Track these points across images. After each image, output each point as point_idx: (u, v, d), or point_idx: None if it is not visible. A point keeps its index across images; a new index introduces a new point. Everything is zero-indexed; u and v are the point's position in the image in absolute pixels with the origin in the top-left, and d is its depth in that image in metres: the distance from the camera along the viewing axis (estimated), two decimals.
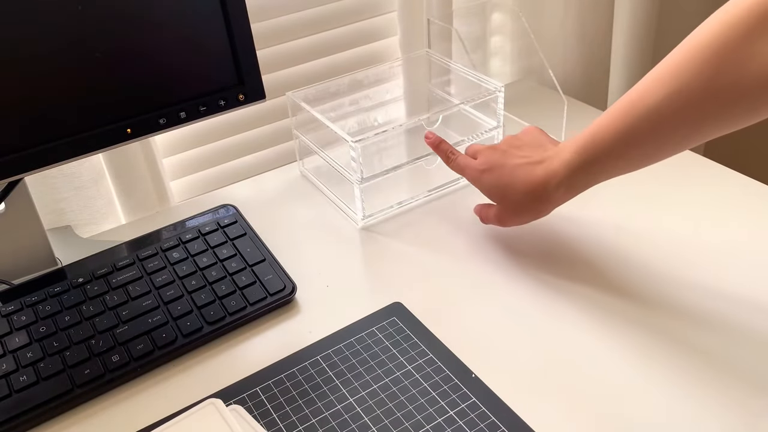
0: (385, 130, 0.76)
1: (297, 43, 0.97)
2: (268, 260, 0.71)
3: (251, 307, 0.67)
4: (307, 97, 0.83)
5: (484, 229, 0.76)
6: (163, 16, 0.66)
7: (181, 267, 0.70)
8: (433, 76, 0.94)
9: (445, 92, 0.94)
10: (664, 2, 1.15)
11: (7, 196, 0.70)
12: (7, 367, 0.61)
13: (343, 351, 0.63)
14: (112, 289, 0.68)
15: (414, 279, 0.71)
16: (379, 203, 0.79)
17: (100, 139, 0.68)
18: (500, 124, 0.83)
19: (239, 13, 0.69)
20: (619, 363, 0.60)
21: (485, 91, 0.82)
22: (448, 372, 0.60)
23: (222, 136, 0.97)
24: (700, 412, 0.55)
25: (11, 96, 0.62)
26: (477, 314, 0.66)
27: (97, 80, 0.65)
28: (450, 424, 0.55)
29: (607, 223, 0.75)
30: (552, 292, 0.67)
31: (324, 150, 0.82)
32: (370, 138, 0.74)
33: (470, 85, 0.85)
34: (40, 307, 0.66)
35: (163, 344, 0.63)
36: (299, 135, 0.86)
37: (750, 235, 0.72)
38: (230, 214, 0.78)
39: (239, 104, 0.73)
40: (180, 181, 0.97)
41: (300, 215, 0.81)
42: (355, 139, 0.73)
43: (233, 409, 0.57)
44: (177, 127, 0.71)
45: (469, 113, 0.86)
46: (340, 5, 0.98)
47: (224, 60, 0.71)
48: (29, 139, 0.64)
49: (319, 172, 0.86)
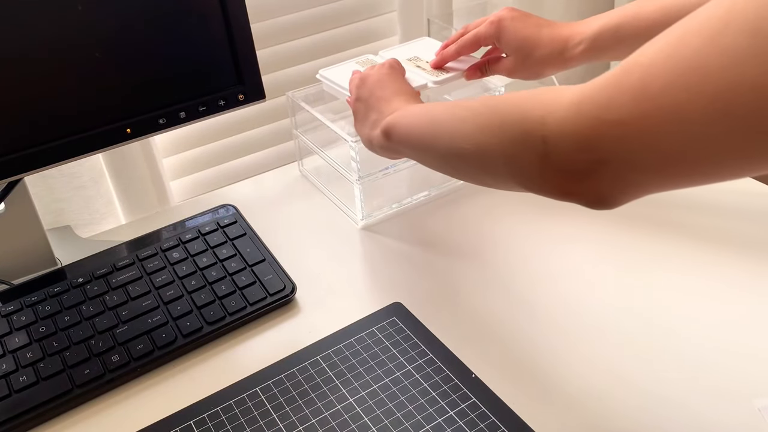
0: None
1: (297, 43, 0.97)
2: (268, 260, 0.71)
3: (251, 307, 0.67)
4: (307, 97, 0.83)
5: (484, 229, 0.76)
6: (162, 16, 0.66)
7: (180, 267, 0.70)
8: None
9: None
10: None
11: (7, 196, 0.70)
12: (7, 367, 0.61)
13: (343, 351, 0.63)
14: (112, 289, 0.68)
15: (414, 279, 0.71)
16: (378, 203, 0.79)
17: (100, 139, 0.68)
18: None
19: (239, 13, 0.69)
20: (619, 363, 0.60)
21: (485, 91, 0.82)
22: (448, 372, 0.59)
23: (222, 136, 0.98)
24: (701, 412, 0.55)
25: (11, 96, 0.62)
26: (477, 314, 0.66)
27: (97, 80, 0.65)
28: (450, 424, 0.55)
29: (608, 223, 0.75)
30: (552, 292, 0.68)
31: (324, 150, 0.82)
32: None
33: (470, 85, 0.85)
34: (40, 307, 0.66)
35: (163, 344, 0.63)
36: (299, 135, 0.86)
37: (750, 235, 0.72)
38: (230, 214, 0.78)
39: (239, 104, 0.73)
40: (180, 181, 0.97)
41: (300, 215, 0.81)
42: (354, 139, 0.73)
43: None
44: (177, 127, 0.71)
45: None
46: (340, 5, 0.98)
47: (224, 60, 0.71)
48: (29, 139, 0.64)
49: (318, 173, 0.86)
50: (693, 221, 0.75)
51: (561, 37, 0.69)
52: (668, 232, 0.74)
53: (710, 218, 0.75)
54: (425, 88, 0.77)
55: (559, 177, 0.43)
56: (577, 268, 0.70)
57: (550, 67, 0.72)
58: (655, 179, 0.40)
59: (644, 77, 0.37)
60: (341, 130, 0.76)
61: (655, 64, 0.37)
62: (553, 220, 0.76)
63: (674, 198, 0.78)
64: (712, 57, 0.34)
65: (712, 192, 0.78)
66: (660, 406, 0.56)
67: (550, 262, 0.71)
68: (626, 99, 0.38)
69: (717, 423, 0.54)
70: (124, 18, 0.64)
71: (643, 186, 0.40)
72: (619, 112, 0.38)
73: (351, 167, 0.76)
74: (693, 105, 0.35)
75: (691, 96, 0.35)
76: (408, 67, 0.79)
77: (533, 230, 0.75)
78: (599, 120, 0.39)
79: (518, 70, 0.73)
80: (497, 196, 0.81)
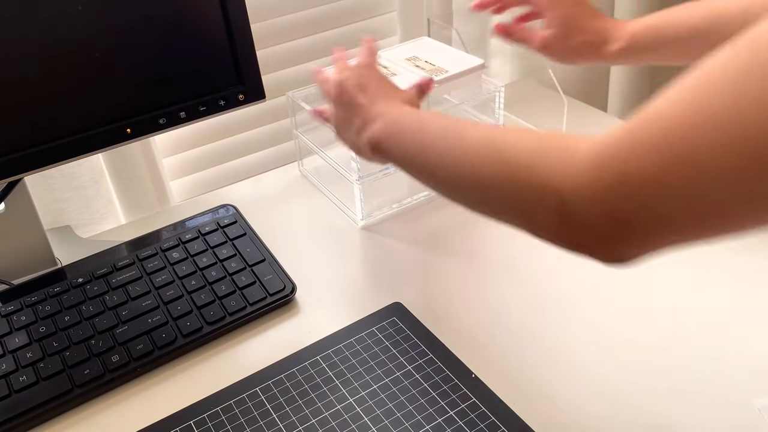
0: None
1: (297, 43, 0.97)
2: (268, 260, 0.71)
3: (251, 307, 0.67)
4: (307, 97, 0.83)
5: (484, 229, 0.76)
6: (162, 16, 0.66)
7: (180, 267, 0.70)
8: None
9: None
10: (664, 2, 1.15)
11: (7, 196, 0.70)
12: (6, 367, 0.61)
13: (343, 351, 0.63)
14: (112, 289, 0.68)
15: (414, 279, 0.71)
16: (378, 203, 0.79)
17: (100, 139, 0.68)
18: (500, 123, 0.83)
19: (239, 13, 0.69)
20: (619, 363, 0.60)
21: (485, 91, 0.82)
22: (448, 372, 0.59)
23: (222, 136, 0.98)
24: (702, 412, 0.55)
25: (11, 96, 0.62)
26: (477, 314, 0.66)
27: (97, 80, 0.65)
28: (450, 424, 0.55)
29: None
30: (553, 292, 0.68)
31: (324, 150, 0.82)
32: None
33: (470, 84, 0.85)
34: (40, 307, 0.66)
35: (163, 344, 0.63)
36: (299, 135, 0.86)
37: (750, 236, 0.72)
38: (230, 214, 0.78)
39: (239, 104, 0.73)
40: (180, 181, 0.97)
41: (300, 215, 0.81)
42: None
43: None
44: (177, 127, 0.71)
45: (468, 113, 0.86)
46: (340, 5, 0.98)
47: (224, 60, 0.71)
48: (29, 139, 0.64)
49: (318, 172, 0.86)
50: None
51: (603, 31, 0.69)
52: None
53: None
54: None
55: (579, 237, 0.40)
56: (577, 268, 0.70)
57: (583, 57, 0.71)
58: (683, 236, 0.37)
59: (666, 130, 0.35)
60: None
61: (677, 115, 0.34)
62: None
63: None
64: (740, 105, 0.32)
65: None
66: (661, 406, 0.56)
67: (550, 261, 0.71)
68: (649, 155, 0.35)
69: (717, 423, 0.54)
70: (124, 18, 0.64)
71: (670, 243, 0.38)
72: (641, 169, 0.35)
73: (351, 167, 0.76)
74: (723, 158, 0.32)
75: (720, 148, 0.32)
76: (407, 66, 0.79)
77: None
78: (621, 179, 0.36)
79: (552, 47, 0.72)
80: None
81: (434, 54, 0.84)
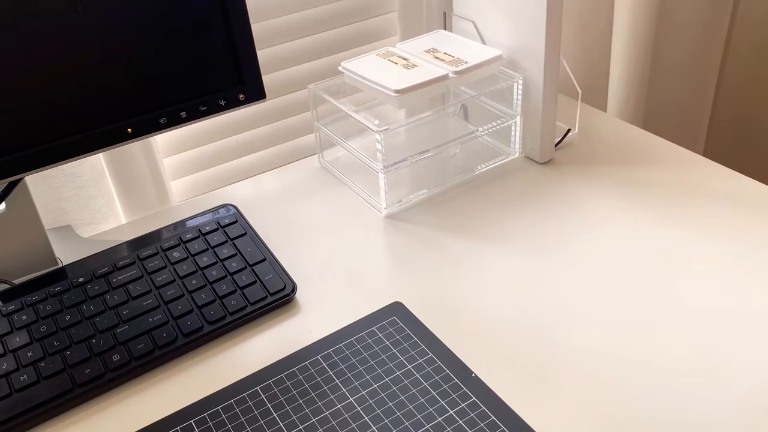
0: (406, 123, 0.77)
1: (297, 43, 0.97)
2: (269, 260, 0.71)
3: (251, 307, 0.67)
4: (328, 88, 0.84)
5: (484, 229, 0.76)
6: (163, 16, 0.66)
7: (181, 266, 0.71)
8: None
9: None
10: (664, 2, 1.15)
11: (8, 196, 0.70)
12: (7, 367, 0.61)
13: (343, 350, 0.63)
14: (113, 288, 0.68)
15: (414, 279, 0.71)
16: (379, 202, 0.80)
17: (100, 139, 0.68)
18: (518, 113, 0.84)
19: (239, 13, 0.69)
20: (619, 363, 0.60)
21: (503, 82, 0.83)
22: (448, 371, 0.60)
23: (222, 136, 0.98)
24: (702, 412, 0.55)
25: (11, 96, 0.62)
26: (477, 314, 0.66)
27: (97, 80, 0.66)
28: (450, 423, 0.55)
29: (609, 224, 0.75)
30: (553, 292, 0.68)
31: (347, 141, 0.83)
32: (393, 127, 0.76)
33: (488, 76, 0.85)
34: (41, 306, 0.67)
35: (164, 344, 0.63)
36: (321, 127, 0.86)
37: (750, 236, 0.72)
38: (230, 213, 0.78)
39: (239, 104, 0.73)
40: (180, 181, 0.97)
41: (300, 215, 0.81)
42: (380, 128, 0.74)
43: None
44: (177, 127, 0.71)
45: (485, 104, 0.87)
46: (340, 5, 0.98)
47: (224, 60, 0.71)
48: (29, 139, 0.65)
49: (318, 172, 0.86)
50: (692, 220, 0.75)
51: None
52: (668, 229, 0.74)
53: (710, 217, 0.75)
54: (445, 79, 0.77)
55: None
56: (577, 268, 0.70)
57: None
58: None
59: None
60: (366, 120, 0.76)
61: None
62: (553, 221, 0.76)
63: (675, 196, 0.78)
64: None
65: (710, 191, 0.78)
66: (661, 406, 0.56)
67: (551, 263, 0.71)
68: None
69: (717, 423, 0.54)
70: (124, 18, 0.64)
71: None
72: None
73: (377, 158, 0.76)
74: None
75: None
76: (427, 58, 0.80)
77: (533, 231, 0.75)
78: None
79: None
80: (498, 197, 0.81)
81: (452, 46, 0.84)
